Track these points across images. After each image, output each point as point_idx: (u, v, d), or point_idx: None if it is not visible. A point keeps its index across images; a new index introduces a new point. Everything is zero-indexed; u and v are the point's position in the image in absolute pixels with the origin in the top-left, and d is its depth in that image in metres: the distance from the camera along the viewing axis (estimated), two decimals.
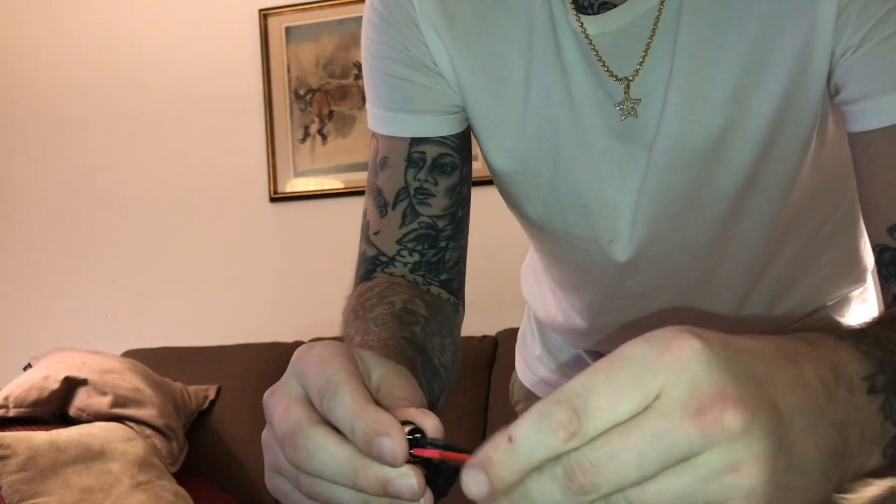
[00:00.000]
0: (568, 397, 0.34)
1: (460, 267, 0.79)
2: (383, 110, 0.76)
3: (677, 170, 0.69)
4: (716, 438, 0.33)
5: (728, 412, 0.33)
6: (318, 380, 0.42)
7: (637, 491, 0.33)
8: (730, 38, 0.64)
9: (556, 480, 0.34)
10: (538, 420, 0.34)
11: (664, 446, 0.33)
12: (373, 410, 0.40)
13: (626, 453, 0.33)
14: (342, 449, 0.40)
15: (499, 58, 0.72)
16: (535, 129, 0.72)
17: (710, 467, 0.33)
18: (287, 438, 0.41)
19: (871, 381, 0.41)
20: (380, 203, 0.76)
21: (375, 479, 0.39)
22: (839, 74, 0.63)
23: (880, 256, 0.63)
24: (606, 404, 0.34)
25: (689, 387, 0.33)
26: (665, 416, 0.33)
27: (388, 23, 0.74)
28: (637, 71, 0.68)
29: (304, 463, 0.41)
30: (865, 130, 0.62)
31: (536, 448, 0.34)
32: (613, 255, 0.76)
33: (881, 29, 0.59)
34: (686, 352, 0.34)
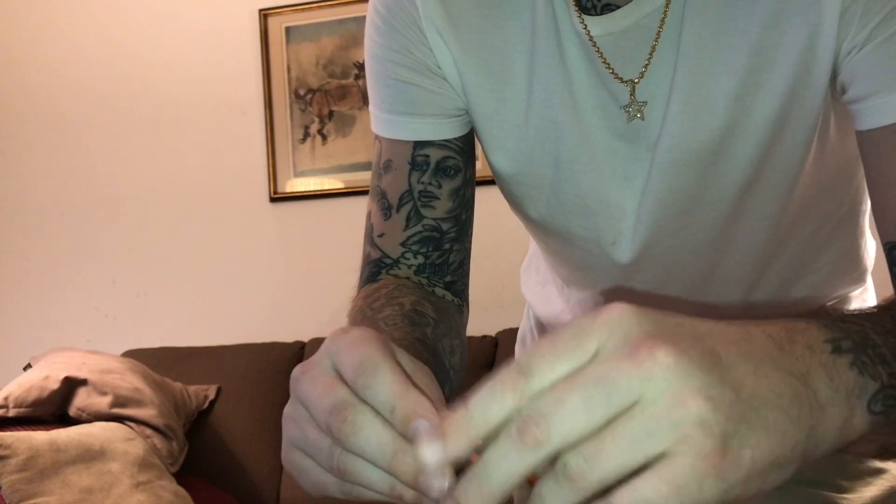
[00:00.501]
0: (515, 365, 0.37)
1: (464, 269, 0.79)
2: (386, 113, 0.76)
3: (681, 170, 0.69)
4: (651, 372, 0.35)
5: (659, 349, 0.35)
6: (354, 357, 0.42)
7: (591, 445, 0.35)
8: (734, 39, 0.64)
9: (511, 440, 0.35)
10: (489, 387, 0.37)
11: (605, 388, 0.35)
12: (415, 393, 0.40)
13: (571, 399, 0.35)
14: (387, 430, 0.40)
15: (502, 59, 0.72)
16: (538, 130, 0.72)
17: (656, 405, 0.34)
18: (336, 412, 0.41)
19: (835, 344, 0.42)
20: (384, 206, 0.76)
21: (411, 466, 0.39)
22: (845, 73, 0.63)
23: (891, 255, 0.62)
24: (548, 363, 0.36)
25: (622, 338, 0.36)
26: (602, 362, 0.36)
27: (391, 25, 0.73)
28: (642, 73, 0.67)
29: (348, 436, 0.40)
30: (874, 128, 0.62)
31: (488, 410, 0.36)
32: (616, 255, 0.76)
33: (887, 25, 0.59)
34: (617, 312, 0.37)
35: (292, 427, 0.45)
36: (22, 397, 1.96)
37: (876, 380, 0.42)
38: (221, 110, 2.74)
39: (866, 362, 0.42)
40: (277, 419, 1.83)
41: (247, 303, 2.68)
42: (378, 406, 0.40)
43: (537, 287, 0.99)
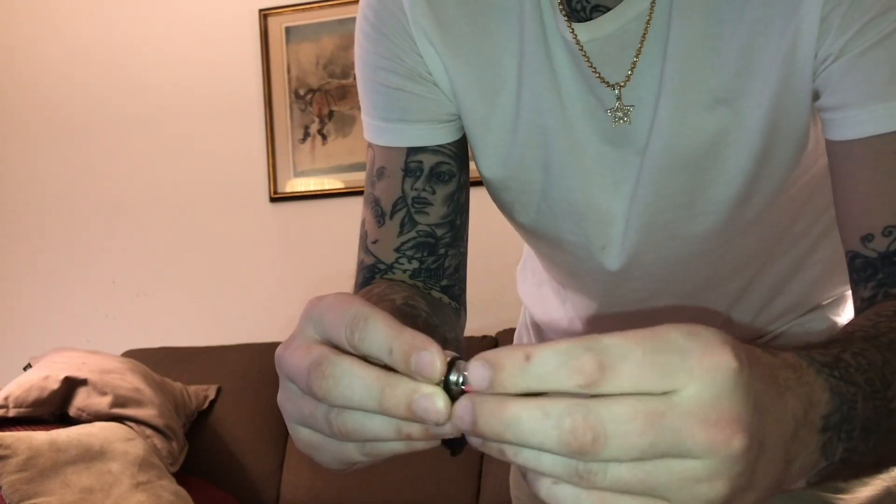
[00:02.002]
0: (601, 349, 0.35)
1: (461, 273, 0.79)
2: (378, 121, 0.75)
3: (670, 175, 0.69)
4: (717, 454, 0.35)
5: (737, 437, 0.35)
6: (344, 316, 0.41)
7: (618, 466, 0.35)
8: (720, 43, 0.64)
9: (559, 429, 0.34)
10: (564, 355, 0.35)
11: (674, 441, 0.34)
12: (410, 331, 0.39)
13: (637, 434, 0.34)
14: (368, 370, 0.39)
15: (492, 65, 0.71)
16: (527, 135, 0.72)
17: (695, 473, 0.35)
18: (313, 370, 0.40)
19: (827, 420, 0.43)
20: (377, 213, 0.76)
21: (403, 396, 0.38)
22: (819, 81, 0.63)
23: (852, 262, 0.64)
24: (633, 374, 0.35)
25: (714, 399, 0.35)
26: (687, 416, 0.34)
27: (380, 32, 0.73)
28: (629, 77, 0.67)
29: (330, 390, 0.39)
30: (843, 140, 0.62)
31: (549, 379, 0.35)
32: (605, 262, 0.76)
33: (862, 38, 0.59)
34: (723, 366, 0.35)
35: (289, 408, 0.45)
36: (22, 397, 1.96)
37: (829, 459, 0.44)
38: (221, 110, 2.74)
39: (833, 442, 0.44)
40: (277, 419, 1.85)
41: (247, 303, 2.68)
42: (376, 353, 0.39)
43: (533, 288, 0.99)
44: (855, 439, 0.45)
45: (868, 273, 0.62)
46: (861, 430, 0.45)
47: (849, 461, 0.45)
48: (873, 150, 0.61)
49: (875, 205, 0.61)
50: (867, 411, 0.46)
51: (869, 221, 0.62)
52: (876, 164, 0.61)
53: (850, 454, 0.45)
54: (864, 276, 0.63)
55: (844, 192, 0.64)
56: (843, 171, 0.63)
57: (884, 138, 0.60)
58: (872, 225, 0.61)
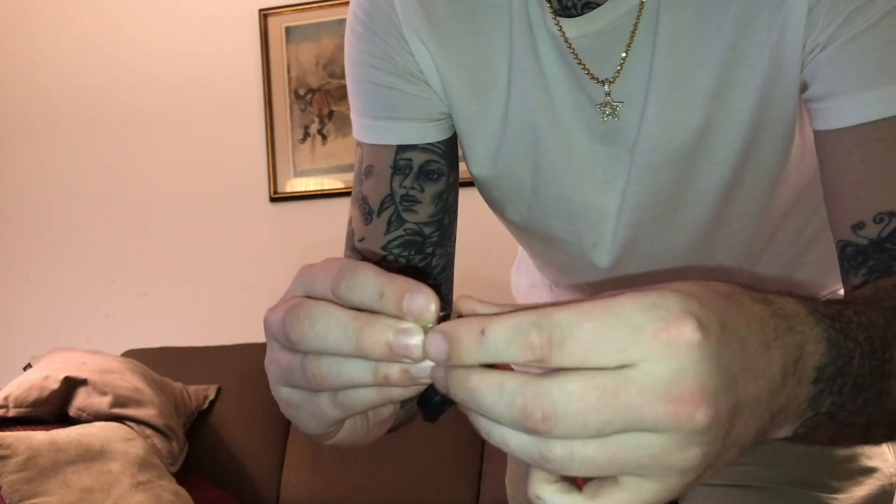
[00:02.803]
0: (551, 326, 0.34)
1: (448, 273, 0.79)
2: (368, 119, 0.75)
3: (660, 170, 0.69)
4: (681, 428, 0.34)
5: (700, 409, 0.34)
6: (330, 271, 0.40)
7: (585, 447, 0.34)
8: (708, 37, 0.64)
9: (513, 409, 0.34)
10: (514, 332, 0.35)
11: (632, 418, 0.34)
12: (402, 277, 0.38)
13: (591, 413, 0.34)
14: (345, 311, 0.38)
15: (483, 63, 0.71)
16: (516, 133, 0.72)
17: (663, 447, 0.34)
18: (288, 315, 0.40)
19: (821, 372, 0.42)
20: (365, 211, 0.75)
21: (380, 332, 0.37)
22: (807, 71, 0.63)
23: (843, 252, 0.64)
24: (583, 350, 0.34)
25: (673, 374, 0.34)
26: (643, 392, 0.34)
27: (371, 31, 0.73)
28: (618, 72, 0.67)
29: (306, 332, 0.39)
30: (831, 129, 0.62)
31: (503, 353, 0.35)
32: (596, 258, 0.76)
33: (849, 27, 0.60)
34: (683, 340, 0.34)
35: (271, 368, 0.44)
36: (22, 397, 1.96)
37: (815, 410, 0.43)
38: (221, 110, 2.74)
39: (823, 393, 0.43)
40: (277, 419, 1.86)
41: (247, 303, 2.68)
42: (365, 299, 0.38)
43: (526, 288, 0.99)
44: (845, 395, 0.44)
45: (859, 261, 0.62)
46: (852, 387, 0.44)
47: (835, 416, 0.45)
48: (862, 137, 0.61)
49: (865, 192, 0.61)
50: (862, 369, 0.45)
51: (859, 209, 0.61)
52: (865, 151, 0.61)
53: (838, 409, 0.44)
54: (854, 263, 0.63)
55: (834, 182, 0.64)
56: (832, 160, 0.63)
57: (872, 126, 0.60)
58: (863, 212, 0.61)
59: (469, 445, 2.14)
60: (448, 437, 2.13)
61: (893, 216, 0.60)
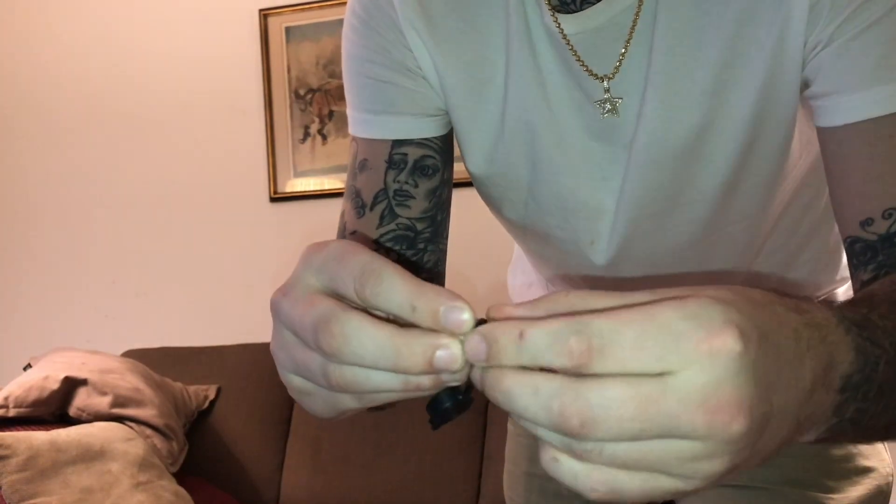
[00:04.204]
0: (591, 333, 0.34)
1: (439, 269, 0.78)
2: (364, 113, 0.75)
3: (658, 168, 0.69)
4: (716, 437, 0.34)
5: (737, 420, 0.34)
6: (353, 269, 0.39)
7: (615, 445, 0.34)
8: (707, 34, 0.64)
9: (550, 413, 0.34)
10: (554, 337, 0.35)
11: (669, 426, 0.34)
12: (430, 286, 0.38)
13: (630, 423, 0.34)
14: (383, 329, 0.38)
15: (480, 60, 0.71)
16: (514, 132, 0.72)
17: (694, 453, 0.35)
18: (320, 327, 0.39)
19: (847, 381, 0.42)
20: (357, 204, 0.75)
21: (422, 353, 0.37)
22: (810, 68, 0.63)
23: (851, 248, 0.64)
24: (623, 357, 0.34)
25: (713, 384, 0.34)
26: (682, 401, 0.34)
27: (368, 26, 0.73)
28: (616, 68, 0.67)
29: (339, 349, 0.38)
30: (836, 126, 0.62)
31: (541, 357, 0.35)
32: (594, 256, 0.75)
33: (853, 23, 0.60)
34: (724, 351, 0.34)
35: (281, 356, 0.43)
36: (22, 397, 1.96)
37: (839, 417, 0.43)
38: (221, 110, 2.74)
39: (848, 401, 0.43)
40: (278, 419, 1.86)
41: (247, 303, 2.68)
42: (395, 309, 0.38)
43: (523, 288, 0.99)
44: (869, 401, 0.44)
45: (868, 256, 0.62)
46: (877, 393, 0.45)
47: (858, 421, 0.45)
48: (868, 134, 0.61)
49: (873, 189, 0.61)
50: (886, 375, 0.45)
51: (868, 205, 0.61)
52: (871, 148, 0.61)
53: (861, 415, 0.45)
54: (863, 259, 0.63)
55: (840, 179, 0.63)
56: (837, 157, 0.63)
57: (877, 122, 0.60)
58: (871, 209, 0.61)
59: (469, 445, 2.14)
60: (448, 437, 2.13)
61: None
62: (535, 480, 0.97)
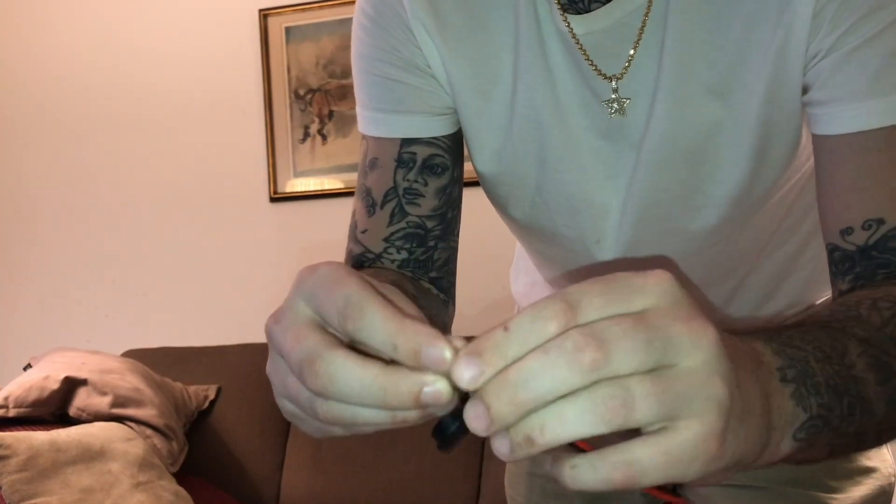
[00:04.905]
0: (562, 296, 0.37)
1: (450, 267, 0.79)
2: (374, 112, 0.75)
3: (666, 169, 0.70)
4: (701, 342, 0.37)
5: (710, 326, 0.38)
6: (336, 301, 0.39)
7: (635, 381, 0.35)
8: (717, 36, 0.65)
9: (565, 354, 0.35)
10: (532, 311, 0.36)
11: (663, 338, 0.36)
12: (411, 323, 0.38)
13: (634, 335, 0.35)
14: (367, 370, 0.37)
15: (488, 59, 0.72)
16: (522, 130, 0.72)
17: (697, 373, 0.36)
18: (305, 366, 0.39)
19: (783, 373, 0.45)
20: (368, 203, 0.76)
21: (408, 391, 0.37)
22: (808, 76, 0.64)
23: (831, 255, 0.65)
24: (598, 303, 0.37)
25: (674, 302, 0.38)
26: (662, 318, 0.37)
27: (378, 25, 0.73)
28: (625, 69, 0.68)
29: (325, 389, 0.38)
30: (829, 135, 0.63)
31: (531, 336, 0.36)
32: (600, 255, 0.76)
33: (853, 35, 0.60)
34: (665, 280, 0.38)
35: (275, 380, 0.44)
36: (22, 397, 1.97)
37: (806, 411, 0.45)
38: (221, 110, 2.74)
39: (803, 394, 0.45)
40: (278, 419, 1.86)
41: (247, 303, 2.68)
42: (377, 346, 0.38)
43: (526, 287, 0.99)
44: (825, 395, 0.46)
45: (846, 266, 0.63)
46: (827, 388, 0.46)
47: (828, 420, 0.46)
48: (857, 145, 0.62)
49: (855, 199, 0.62)
50: (826, 371, 0.47)
51: (849, 214, 0.62)
52: (859, 159, 0.62)
53: (828, 412, 0.46)
54: (842, 268, 0.64)
55: (827, 186, 0.65)
56: (827, 164, 0.64)
57: (868, 134, 0.61)
58: (852, 218, 0.62)
59: (469, 445, 2.14)
60: None
61: (882, 224, 0.61)
62: (536, 480, 0.97)
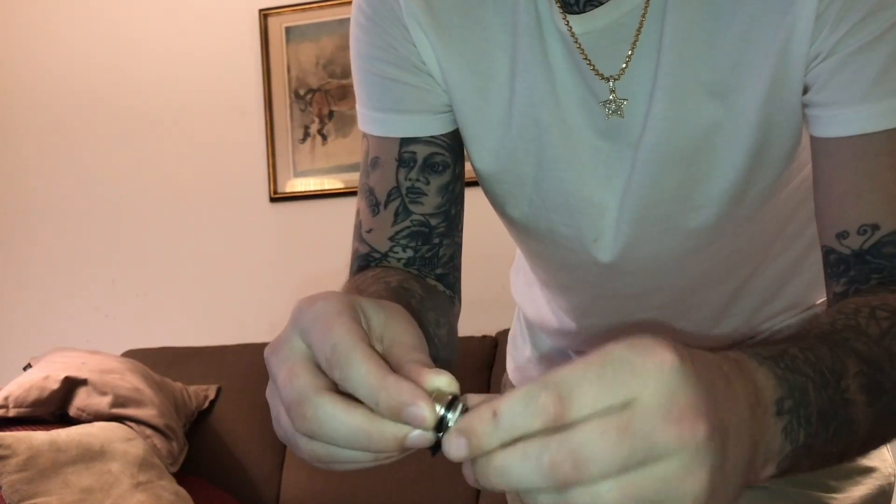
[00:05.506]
0: (555, 384, 0.37)
1: (455, 262, 0.79)
2: (372, 111, 0.76)
3: (664, 169, 0.70)
4: (687, 446, 0.36)
5: (700, 424, 0.37)
6: (324, 346, 0.42)
7: (607, 489, 0.36)
8: (716, 36, 0.64)
9: (542, 468, 0.36)
10: (524, 399, 0.37)
11: (647, 445, 0.36)
12: (393, 381, 0.40)
13: (616, 450, 0.35)
14: (353, 416, 0.40)
15: (484, 56, 0.72)
16: (520, 127, 0.72)
17: (676, 472, 0.36)
18: (294, 408, 0.41)
19: (780, 405, 0.45)
20: (372, 203, 0.76)
21: (392, 437, 0.40)
22: (809, 77, 0.64)
23: (826, 258, 0.65)
24: (591, 396, 0.36)
25: (668, 397, 0.37)
26: (649, 420, 0.36)
27: (374, 23, 0.73)
28: (623, 70, 0.68)
29: (314, 431, 0.41)
30: (828, 137, 0.63)
31: (518, 425, 0.37)
32: (597, 254, 0.76)
33: (854, 37, 0.60)
34: (667, 363, 0.37)
35: (271, 404, 0.46)
36: (22, 397, 1.97)
37: (793, 443, 0.46)
38: (221, 110, 2.74)
39: (794, 427, 0.46)
40: None
41: (247, 303, 2.68)
42: (361, 397, 0.40)
43: (524, 288, 0.99)
44: (814, 424, 0.47)
45: (841, 269, 0.63)
46: (819, 416, 0.47)
47: (812, 447, 0.47)
48: (855, 148, 0.62)
49: (851, 203, 0.62)
50: (821, 399, 0.47)
51: (845, 218, 0.63)
52: (856, 163, 0.62)
53: (813, 440, 0.47)
54: (837, 271, 0.64)
55: (824, 188, 0.65)
56: (824, 167, 0.64)
57: (866, 138, 0.61)
58: (848, 222, 0.62)
59: None
60: None
61: (876, 229, 0.61)
62: None
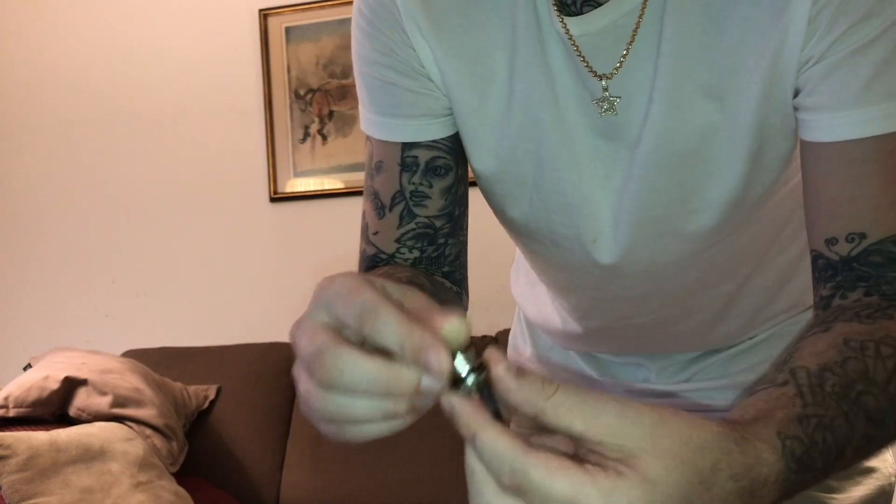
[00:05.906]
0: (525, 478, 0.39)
1: (461, 260, 0.80)
2: (374, 114, 0.76)
3: (662, 170, 0.70)
4: None
5: None
6: (353, 307, 0.44)
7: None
8: (713, 39, 0.65)
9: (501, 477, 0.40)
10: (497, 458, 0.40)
11: None
12: (419, 328, 0.42)
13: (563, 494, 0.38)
14: (372, 361, 0.43)
15: (483, 57, 0.72)
16: (519, 128, 0.73)
17: None
18: (315, 359, 0.44)
19: (787, 479, 0.46)
20: (377, 205, 0.77)
21: (409, 381, 0.42)
22: (800, 80, 0.64)
23: (815, 261, 0.65)
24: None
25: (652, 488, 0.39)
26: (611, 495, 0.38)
27: (374, 26, 0.74)
28: (617, 68, 0.68)
29: (333, 379, 0.43)
30: (817, 141, 0.63)
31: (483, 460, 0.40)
32: (596, 255, 0.76)
33: (845, 42, 0.60)
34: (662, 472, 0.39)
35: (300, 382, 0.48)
36: (22, 397, 1.96)
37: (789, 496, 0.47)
38: (221, 110, 2.74)
39: (792, 490, 0.47)
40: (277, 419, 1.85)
41: (247, 303, 2.68)
42: (388, 345, 0.43)
43: (526, 287, 0.99)
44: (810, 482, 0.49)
45: (829, 274, 0.64)
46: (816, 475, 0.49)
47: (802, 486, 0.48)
48: (844, 154, 0.62)
49: (841, 210, 0.62)
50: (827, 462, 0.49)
51: (834, 225, 0.63)
52: (846, 168, 0.62)
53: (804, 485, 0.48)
54: (824, 276, 0.64)
55: (813, 193, 0.65)
56: (813, 171, 0.64)
57: (855, 144, 0.61)
58: (837, 229, 0.62)
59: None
60: (448, 437, 2.13)
61: (864, 238, 0.61)
62: None
